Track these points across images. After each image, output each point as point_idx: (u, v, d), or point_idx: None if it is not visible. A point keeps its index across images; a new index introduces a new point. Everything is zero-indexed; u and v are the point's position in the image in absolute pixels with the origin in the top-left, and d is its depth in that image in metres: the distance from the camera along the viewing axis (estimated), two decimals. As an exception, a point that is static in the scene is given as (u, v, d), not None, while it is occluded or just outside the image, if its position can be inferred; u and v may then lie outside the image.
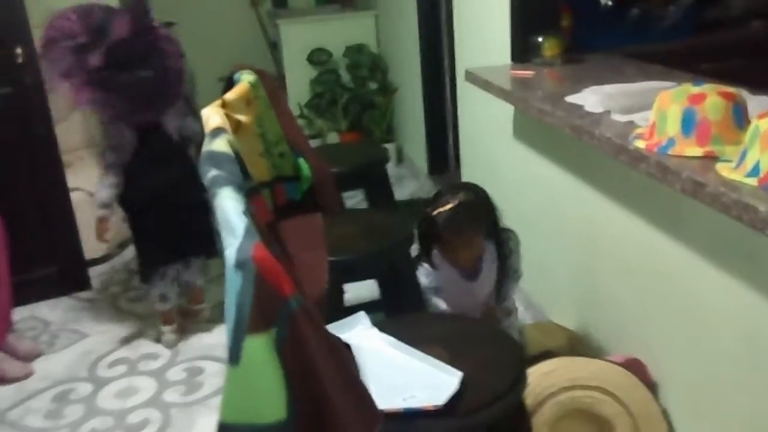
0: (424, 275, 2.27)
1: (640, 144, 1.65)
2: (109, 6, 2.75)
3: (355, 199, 3.96)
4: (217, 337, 3.00)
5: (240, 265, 0.93)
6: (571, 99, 2.10)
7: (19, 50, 3.09)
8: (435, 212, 2.13)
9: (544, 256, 2.64)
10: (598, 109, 1.97)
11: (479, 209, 2.18)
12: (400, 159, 5.02)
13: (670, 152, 1.57)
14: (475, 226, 2.17)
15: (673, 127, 1.58)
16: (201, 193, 3.00)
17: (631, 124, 1.82)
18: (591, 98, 2.06)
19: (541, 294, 2.79)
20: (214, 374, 2.75)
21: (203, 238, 2.93)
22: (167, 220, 2.92)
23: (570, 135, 1.97)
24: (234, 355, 0.94)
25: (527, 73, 2.52)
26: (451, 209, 2.12)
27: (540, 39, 2.59)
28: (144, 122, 2.77)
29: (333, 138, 5.19)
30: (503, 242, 2.27)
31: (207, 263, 3.11)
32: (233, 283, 0.94)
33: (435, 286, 2.28)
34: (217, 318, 3.15)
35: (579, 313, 2.51)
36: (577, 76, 2.42)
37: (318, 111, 5.13)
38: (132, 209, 2.87)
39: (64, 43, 2.57)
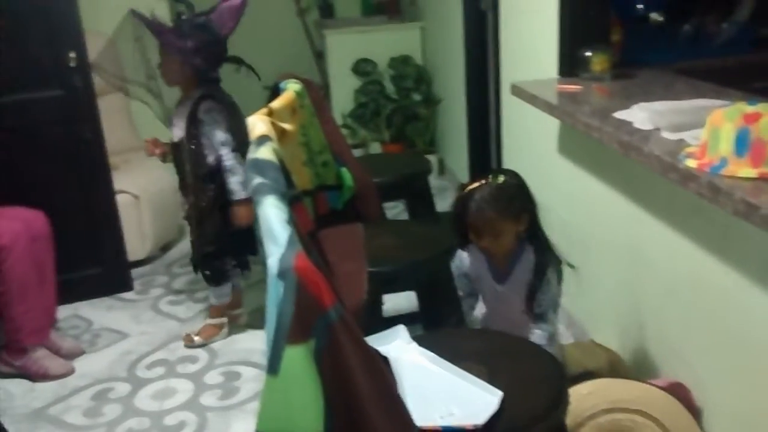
0: (455, 260, 2.20)
1: (691, 163, 1.61)
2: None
3: (395, 210, 3.95)
4: (255, 342, 3.02)
5: (282, 274, 0.93)
6: (619, 115, 2.07)
7: (72, 54, 3.16)
8: (466, 190, 2.03)
9: (587, 274, 2.59)
10: (648, 126, 1.94)
11: (509, 194, 2.02)
12: (441, 171, 5.00)
13: (722, 172, 1.53)
14: (501, 210, 2.01)
15: (726, 147, 1.54)
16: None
17: (682, 143, 1.77)
18: (640, 115, 2.02)
19: (583, 312, 2.74)
20: (252, 379, 2.76)
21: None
22: None
23: (618, 151, 1.93)
24: (273, 365, 0.94)
25: (575, 87, 2.49)
26: (479, 188, 2.02)
27: (589, 53, 2.55)
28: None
29: (376, 148, 5.20)
30: (540, 244, 2.11)
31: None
32: (275, 292, 0.94)
33: (464, 273, 2.20)
34: (255, 323, 3.17)
35: (621, 334, 2.46)
36: (626, 91, 2.38)
37: (361, 121, 5.14)
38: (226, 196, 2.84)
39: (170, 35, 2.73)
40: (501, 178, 2.05)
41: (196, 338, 3.01)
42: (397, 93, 5.14)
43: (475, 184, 2.05)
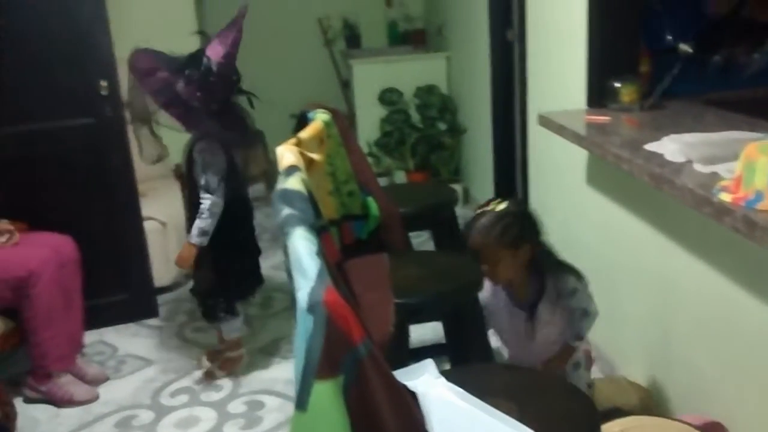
0: (483, 290, 2.20)
1: (726, 197, 1.58)
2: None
3: (419, 239, 3.94)
4: (279, 372, 3.00)
5: (311, 308, 0.92)
6: (650, 147, 2.05)
7: (103, 83, 3.21)
8: (474, 215, 2.06)
9: (617, 308, 2.55)
10: (679, 159, 1.91)
11: (506, 223, 2.00)
12: (466, 200, 4.99)
13: (758, 207, 1.50)
14: (495, 238, 1.99)
15: (761, 181, 1.51)
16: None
17: (715, 176, 1.75)
18: (671, 147, 2.00)
19: (612, 347, 2.69)
20: (275, 409, 2.74)
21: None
22: (250, 249, 3.00)
23: (649, 184, 1.91)
24: (301, 401, 0.92)
25: (603, 118, 2.48)
26: (481, 215, 2.03)
27: (618, 84, 2.54)
28: (232, 146, 2.83)
29: (400, 177, 5.21)
30: (553, 270, 2.10)
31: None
32: (304, 327, 0.93)
33: (486, 304, 2.20)
34: (278, 352, 3.16)
35: (652, 369, 2.40)
36: (656, 123, 2.36)
37: (386, 149, 5.16)
38: (222, 237, 2.83)
39: (153, 77, 2.65)
40: (502, 206, 2.05)
41: (218, 372, 3.00)
42: (422, 122, 5.16)
43: (481, 210, 2.06)
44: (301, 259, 1.01)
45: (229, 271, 2.89)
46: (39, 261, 2.75)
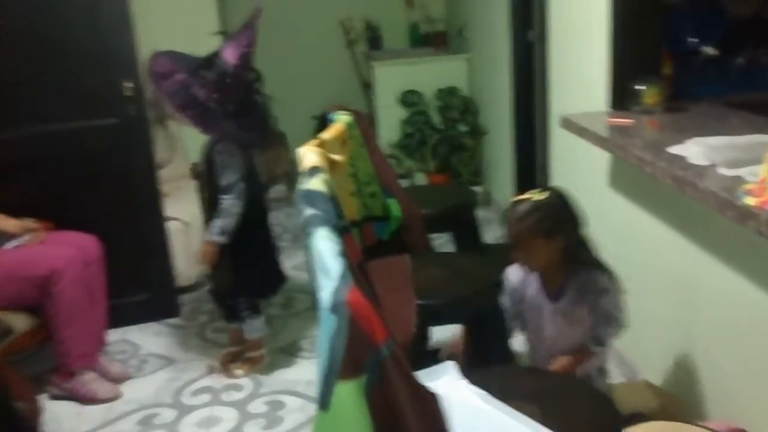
0: (509, 274, 2.23)
1: (750, 200, 1.57)
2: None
3: (439, 241, 3.94)
4: (300, 372, 3.02)
5: (335, 308, 0.92)
6: (673, 150, 2.03)
7: (128, 84, 3.25)
8: (512, 202, 2.08)
9: (639, 311, 2.53)
10: (703, 162, 1.90)
11: (543, 212, 2.03)
12: (487, 202, 4.98)
13: (783, 210, 1.48)
14: (531, 226, 2.02)
15: (786, 184, 1.49)
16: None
17: (739, 179, 1.73)
18: (694, 149, 1.99)
19: (634, 350, 2.67)
20: (296, 410, 2.75)
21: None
22: (268, 249, 3.02)
23: (671, 186, 1.90)
24: (324, 400, 0.93)
25: (626, 121, 2.46)
26: (520, 202, 2.06)
27: (640, 87, 2.53)
28: (250, 147, 2.85)
29: (420, 178, 5.21)
30: (586, 264, 2.11)
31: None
32: (327, 327, 0.93)
33: (512, 288, 2.22)
34: (299, 353, 3.17)
35: (674, 373, 2.39)
36: (679, 125, 2.34)
37: (407, 151, 5.16)
38: (241, 237, 2.85)
39: (170, 80, 2.67)
40: (542, 195, 2.07)
41: (238, 372, 3.02)
42: (443, 124, 5.16)
43: (520, 197, 2.09)
44: (324, 259, 1.01)
45: (249, 271, 2.91)
46: (64, 260, 2.79)
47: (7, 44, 3.15)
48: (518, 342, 2.39)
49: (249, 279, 2.92)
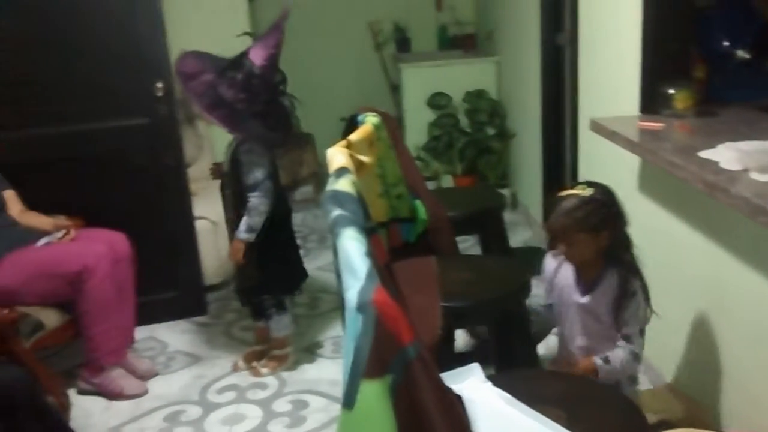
0: (546, 263, 2.26)
1: (783, 206, 1.54)
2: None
3: (465, 244, 3.93)
4: (324, 372, 3.03)
5: (361, 308, 0.93)
6: (704, 154, 2.01)
7: (159, 84, 3.29)
8: (558, 195, 2.10)
9: (665, 316, 2.51)
10: (735, 167, 1.87)
11: (589, 208, 2.05)
12: (514, 205, 4.95)
13: (817, 217, 1.46)
14: (575, 221, 2.05)
15: (821, 190, 1.47)
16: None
17: (772, 184, 1.71)
18: (726, 154, 1.96)
19: (659, 356, 2.64)
20: (320, 410, 2.76)
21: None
22: (291, 246, 3.05)
23: (703, 191, 1.87)
24: (349, 399, 0.94)
25: (656, 125, 2.44)
26: (567, 197, 2.08)
27: (671, 90, 2.50)
28: (275, 147, 2.89)
29: (447, 181, 5.20)
30: (623, 265, 2.12)
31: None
32: (353, 326, 0.94)
33: (547, 277, 2.25)
34: (325, 353, 3.19)
35: (700, 380, 2.35)
36: (711, 130, 2.31)
37: (434, 153, 5.16)
38: (266, 236, 2.87)
39: (198, 80, 2.71)
40: (589, 191, 2.09)
41: (263, 370, 3.04)
42: (470, 126, 5.14)
43: (566, 192, 2.11)
44: (350, 259, 1.02)
45: (274, 268, 2.93)
46: (94, 256, 2.83)
47: (44, 45, 3.21)
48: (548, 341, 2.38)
49: (274, 276, 2.94)
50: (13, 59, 3.20)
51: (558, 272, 2.25)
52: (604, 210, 2.08)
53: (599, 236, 2.08)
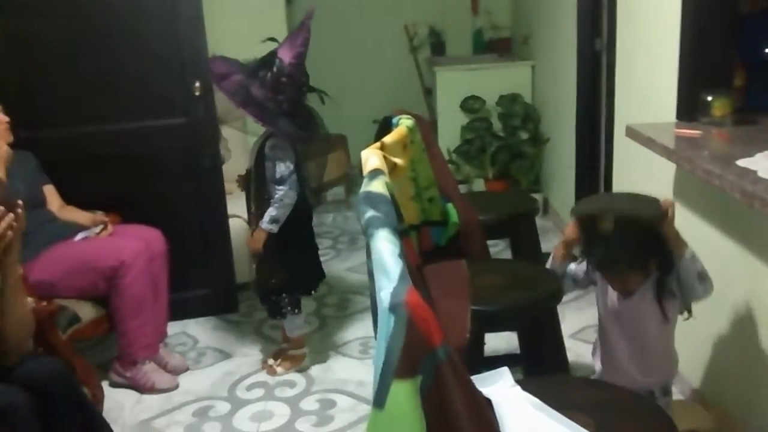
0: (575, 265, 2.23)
1: (823, 217, 1.52)
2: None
3: (495, 248, 3.92)
4: (352, 372, 3.04)
5: (393, 308, 0.94)
6: (742, 163, 1.98)
7: (197, 84, 3.33)
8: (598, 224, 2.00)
9: (698, 327, 2.47)
10: (774, 176, 1.84)
11: (637, 240, 1.99)
12: (545, 211, 4.92)
13: None
14: (630, 260, 2.02)
15: None
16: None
17: (812, 195, 1.68)
18: (765, 163, 1.93)
19: (691, 367, 2.61)
20: (347, 409, 2.78)
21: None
22: (310, 245, 3.09)
23: (740, 201, 1.85)
24: (380, 399, 0.95)
25: (694, 132, 2.41)
26: (606, 236, 1.98)
27: (710, 97, 2.47)
28: (300, 145, 2.93)
29: (479, 185, 5.19)
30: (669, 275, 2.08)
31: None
32: (385, 326, 0.95)
33: (573, 278, 2.23)
34: (352, 353, 3.20)
35: (732, 392, 2.32)
36: (750, 138, 2.28)
37: (466, 157, 5.15)
38: (286, 234, 2.90)
39: (229, 80, 2.77)
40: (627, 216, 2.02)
41: (278, 369, 3.07)
42: (503, 130, 5.13)
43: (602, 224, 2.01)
44: (384, 260, 1.03)
45: (293, 266, 2.96)
46: (131, 252, 2.88)
47: (85, 45, 3.28)
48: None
49: (292, 275, 2.97)
50: (55, 58, 3.27)
51: (588, 274, 2.22)
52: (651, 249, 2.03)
53: (648, 268, 2.06)
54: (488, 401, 1.23)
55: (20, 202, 1.98)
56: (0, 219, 1.88)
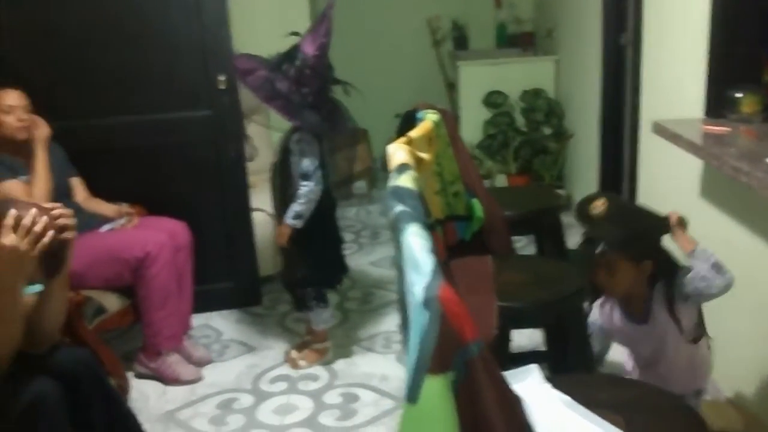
0: (592, 317, 2.25)
1: None
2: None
3: (518, 244, 3.90)
4: (376, 366, 3.05)
5: (427, 303, 0.94)
6: (772, 160, 1.96)
7: (222, 77, 3.35)
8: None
9: (725, 327, 2.45)
10: (805, 174, 1.82)
11: (628, 227, 2.04)
12: (567, 206, 4.89)
13: None
14: (616, 245, 2.03)
15: None
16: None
17: None
18: (796, 161, 1.91)
19: (719, 369, 2.58)
20: (370, 404, 2.79)
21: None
22: (335, 239, 3.10)
23: (770, 199, 1.83)
24: (412, 394, 0.95)
25: (722, 129, 2.38)
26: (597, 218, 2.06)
27: (738, 94, 2.44)
28: (325, 138, 2.95)
29: (501, 180, 5.17)
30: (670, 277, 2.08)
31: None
32: (418, 321, 0.95)
33: (598, 326, 2.25)
34: (376, 347, 3.21)
35: (761, 394, 2.29)
36: (779, 135, 2.25)
37: (489, 152, 5.13)
38: (311, 227, 2.91)
39: (254, 75, 2.78)
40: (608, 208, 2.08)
41: (301, 362, 3.08)
42: (526, 126, 5.10)
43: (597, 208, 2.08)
44: (415, 255, 1.03)
45: (318, 260, 2.97)
46: (156, 243, 2.90)
47: (112, 37, 3.31)
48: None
49: (317, 269, 2.98)
50: (82, 49, 3.30)
51: (609, 317, 2.23)
52: (646, 240, 2.07)
53: (642, 265, 2.07)
54: (519, 398, 1.23)
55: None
56: (37, 217, 1.86)
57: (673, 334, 2.09)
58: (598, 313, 2.27)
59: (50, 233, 1.87)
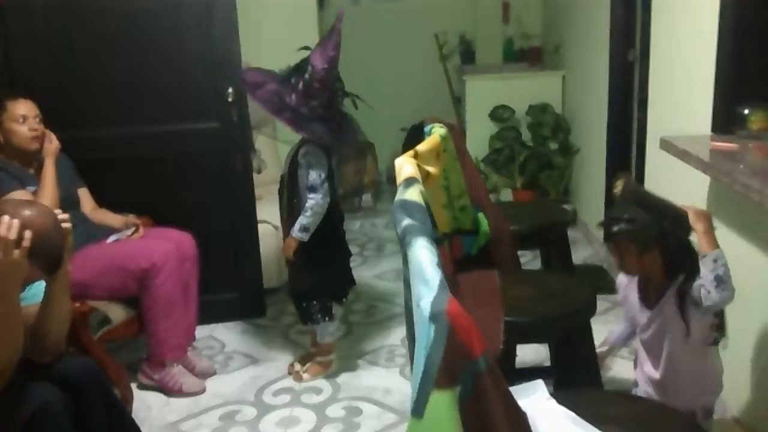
0: (618, 281, 2.25)
1: None
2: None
3: (524, 258, 3.89)
4: (378, 380, 3.04)
5: (434, 318, 0.93)
6: (782, 177, 1.95)
7: (230, 90, 3.36)
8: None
9: (734, 346, 2.43)
10: (815, 191, 1.81)
11: (644, 212, 2.03)
12: (574, 222, 4.89)
13: None
14: (630, 229, 2.02)
15: None
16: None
17: None
18: (806, 178, 1.90)
19: (729, 388, 2.55)
20: (372, 417, 2.77)
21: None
22: (343, 251, 3.10)
23: (779, 216, 1.82)
24: (418, 408, 0.94)
25: (730, 145, 2.38)
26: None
27: (747, 110, 2.44)
28: (334, 151, 2.95)
29: (506, 194, 5.17)
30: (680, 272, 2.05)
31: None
32: (425, 335, 0.94)
33: (622, 289, 2.24)
34: (379, 361, 3.20)
35: (770, 411, 2.27)
36: (788, 152, 2.24)
37: (495, 166, 5.13)
38: (318, 239, 2.91)
39: (263, 89, 2.79)
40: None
41: (305, 375, 3.07)
42: (533, 140, 5.10)
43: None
44: (423, 268, 1.02)
45: (324, 272, 2.97)
46: (162, 254, 2.90)
47: (121, 48, 3.33)
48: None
49: (324, 281, 2.98)
50: (92, 61, 3.32)
51: (629, 287, 2.20)
52: (651, 230, 2.04)
53: (647, 253, 2.04)
54: (526, 415, 1.22)
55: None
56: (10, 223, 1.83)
57: (677, 332, 2.05)
58: (621, 281, 2.25)
59: (27, 233, 1.84)
